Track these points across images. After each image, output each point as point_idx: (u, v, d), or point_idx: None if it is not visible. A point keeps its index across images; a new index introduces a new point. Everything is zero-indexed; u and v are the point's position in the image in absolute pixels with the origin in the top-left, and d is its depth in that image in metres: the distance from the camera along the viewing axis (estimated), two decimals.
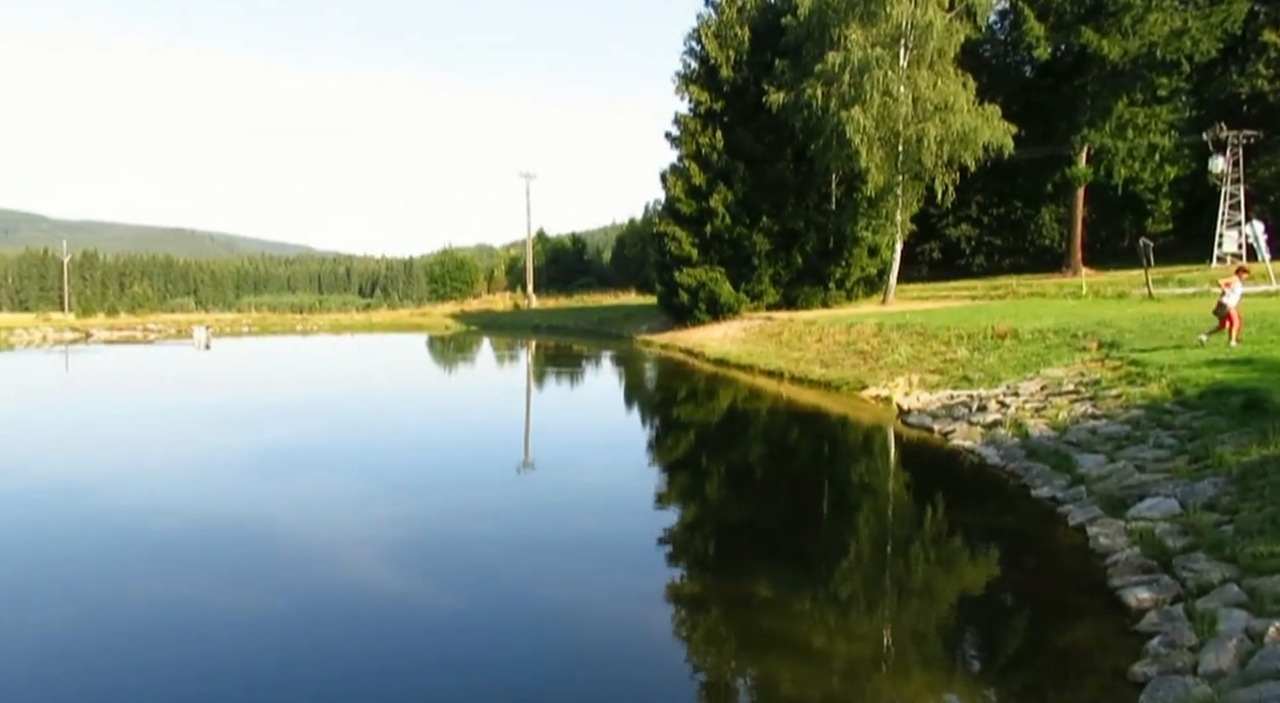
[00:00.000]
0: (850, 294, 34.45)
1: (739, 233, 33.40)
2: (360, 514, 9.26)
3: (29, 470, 11.70)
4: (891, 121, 28.20)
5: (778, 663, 5.53)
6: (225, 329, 55.22)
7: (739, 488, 10.97)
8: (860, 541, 8.34)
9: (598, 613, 6.34)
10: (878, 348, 19.86)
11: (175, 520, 8.89)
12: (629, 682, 5.25)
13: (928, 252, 44.04)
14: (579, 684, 5.16)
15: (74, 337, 49.26)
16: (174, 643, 5.74)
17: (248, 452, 12.99)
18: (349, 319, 68.32)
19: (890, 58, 28.15)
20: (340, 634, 5.89)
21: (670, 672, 5.42)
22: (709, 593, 6.87)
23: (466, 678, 5.24)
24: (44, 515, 9.12)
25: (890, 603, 6.59)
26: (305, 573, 7.22)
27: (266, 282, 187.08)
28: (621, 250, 78.20)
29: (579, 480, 11.08)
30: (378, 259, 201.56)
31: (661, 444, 14.50)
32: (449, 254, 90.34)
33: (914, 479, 11.09)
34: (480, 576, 7.12)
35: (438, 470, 11.53)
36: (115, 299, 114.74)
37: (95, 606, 6.44)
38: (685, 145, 35.15)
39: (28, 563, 7.51)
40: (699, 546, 8.33)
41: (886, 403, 15.71)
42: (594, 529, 8.63)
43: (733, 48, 34.12)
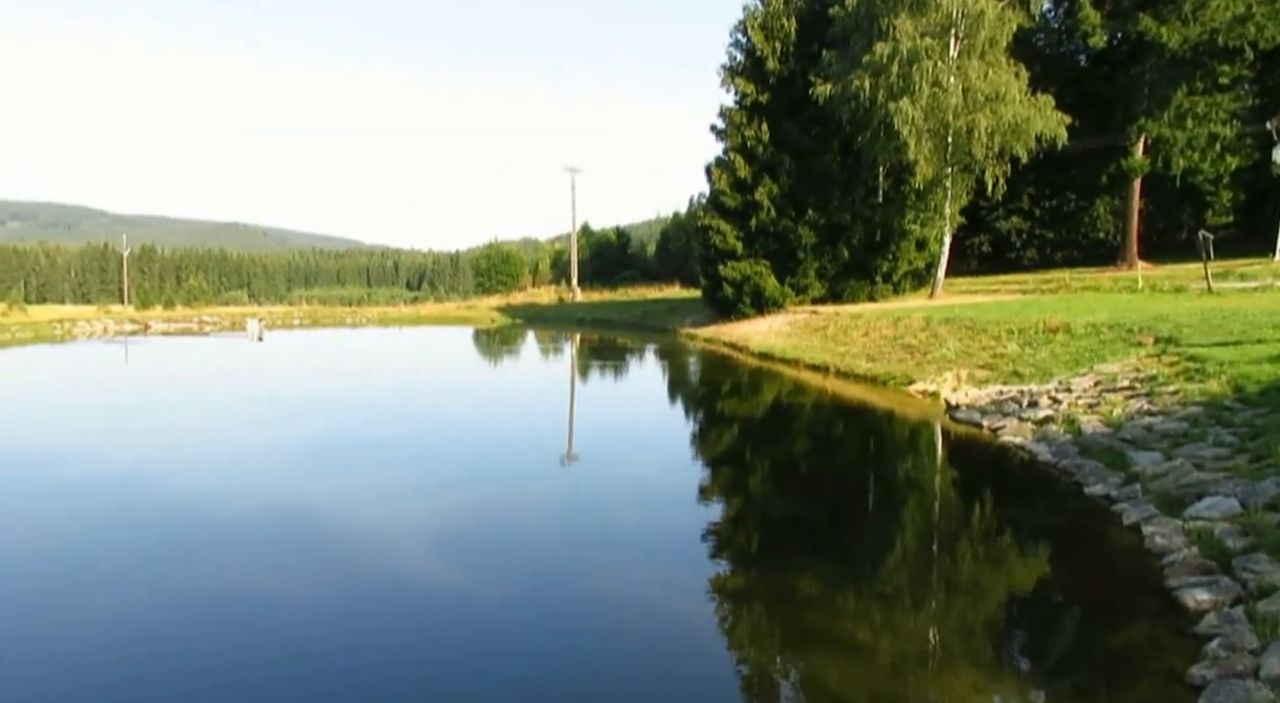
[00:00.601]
0: (897, 288, 34.02)
1: (784, 226, 33.16)
2: (409, 504, 9.38)
3: (95, 457, 12.05)
4: (941, 113, 27.75)
5: (822, 659, 5.49)
6: (277, 321, 56.32)
7: (783, 483, 10.91)
8: (906, 537, 8.24)
9: (641, 606, 6.36)
10: (925, 342, 19.60)
11: (231, 508, 9.10)
12: (672, 675, 5.25)
13: (977, 245, 43.27)
14: (622, 675, 5.18)
15: (133, 328, 50.63)
16: (231, 626, 5.87)
17: (300, 441, 13.25)
18: (397, 312, 69.24)
19: (940, 48, 27.69)
20: (389, 622, 5.97)
21: (714, 665, 5.41)
22: (753, 587, 6.85)
23: (510, 667, 5.28)
24: (107, 502, 9.39)
25: (937, 600, 6.51)
26: (355, 561, 7.34)
27: (317, 275, 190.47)
28: (665, 244, 78.07)
29: (622, 474, 11.11)
30: (425, 253, 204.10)
31: (705, 438, 14.48)
32: (494, 248, 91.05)
33: (962, 476, 10.93)
34: (524, 566, 7.18)
35: (483, 462, 11.64)
36: (172, 292, 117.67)
37: (156, 590, 6.62)
38: (730, 138, 34.95)
39: (95, 546, 7.74)
40: (743, 540, 8.31)
41: (934, 398, 15.50)
42: (637, 522, 8.65)
43: (779, 39, 33.83)
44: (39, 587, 6.64)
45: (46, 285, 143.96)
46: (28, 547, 7.73)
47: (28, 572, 7.04)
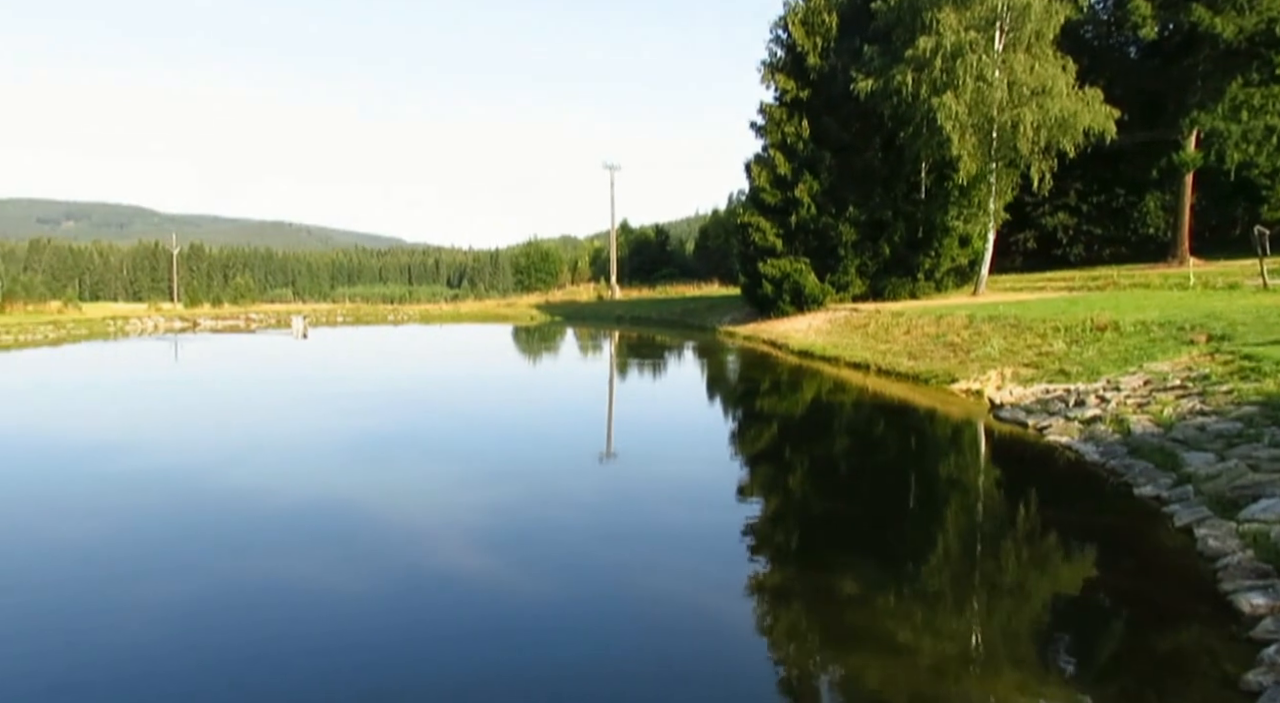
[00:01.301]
0: (940, 285, 33.58)
1: (825, 223, 32.89)
2: (448, 499, 9.47)
3: (148, 451, 12.33)
4: (985, 107, 27.34)
5: (862, 658, 5.43)
6: (321, 319, 57.21)
7: (823, 481, 10.82)
8: (948, 536, 8.12)
9: (679, 602, 6.34)
10: (968, 340, 19.31)
11: (277, 500, 9.25)
12: (711, 673, 5.23)
13: (1022, 241, 42.54)
14: (660, 673, 5.17)
15: (182, 325, 51.75)
16: (274, 616, 5.97)
17: (343, 436, 13.43)
18: (438, 310, 69.95)
19: (985, 41, 27.28)
20: (427, 614, 6.02)
21: (753, 664, 5.38)
22: (792, 586, 6.80)
23: (549, 662, 5.29)
24: (162, 494, 9.60)
25: (980, 601, 6.41)
26: (394, 553, 7.41)
27: (359, 273, 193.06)
28: (704, 241, 77.90)
29: (661, 471, 11.09)
30: (465, 251, 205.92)
31: (744, 436, 14.42)
32: (534, 246, 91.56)
33: (1006, 475, 10.75)
34: (563, 562, 7.20)
35: (523, 459, 11.69)
36: (220, 289, 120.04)
37: (207, 580, 6.74)
38: (770, 135, 34.76)
39: (149, 536, 7.92)
40: (781, 538, 8.25)
41: (977, 397, 15.27)
42: (675, 520, 8.63)
43: (820, 35, 33.56)
44: (90, 575, 6.80)
45: (100, 283, 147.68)
46: (85, 535, 7.93)
47: (83, 559, 7.21)
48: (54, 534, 8.01)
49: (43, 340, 37.36)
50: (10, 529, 8.15)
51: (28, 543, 7.74)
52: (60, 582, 6.64)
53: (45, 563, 7.14)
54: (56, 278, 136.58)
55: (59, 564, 7.12)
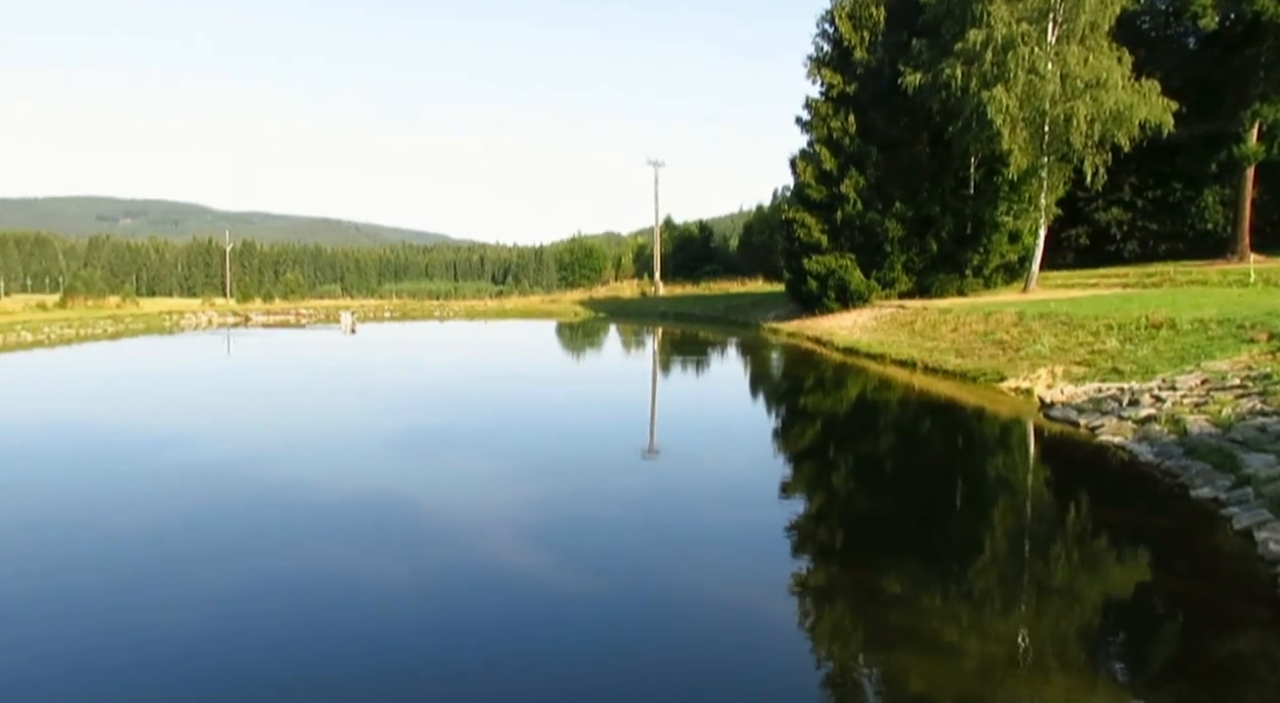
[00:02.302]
0: (988, 282, 33.03)
1: (870, 219, 32.54)
2: (492, 494, 9.56)
3: (208, 443, 12.63)
4: (1037, 101, 26.80)
5: (907, 659, 5.38)
6: (369, 314, 58.07)
7: (867, 480, 10.72)
8: (996, 537, 8.00)
9: (721, 599, 6.32)
10: (1018, 338, 18.97)
11: (322, 494, 9.42)
12: (754, 670, 5.21)
13: (1074, 237, 41.59)
14: (702, 669, 5.17)
15: (235, 320, 52.89)
16: (320, 611, 6.07)
17: (391, 430, 13.62)
18: (483, 306, 70.61)
19: (1037, 33, 26.74)
20: (472, 605, 6.09)
21: (796, 662, 5.35)
22: (835, 584, 6.75)
23: (591, 658, 5.32)
24: (220, 484, 9.83)
25: (1028, 602, 6.30)
26: (438, 547, 7.51)
27: (406, 269, 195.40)
28: (748, 237, 77.47)
29: (704, 468, 11.08)
30: (509, 247, 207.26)
31: (788, 433, 14.33)
32: (578, 242, 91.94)
33: (1056, 475, 10.55)
34: (606, 558, 7.22)
35: (567, 454, 11.75)
36: (270, 285, 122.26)
37: (261, 566, 6.90)
38: (816, 130, 34.46)
39: (205, 525, 8.12)
40: (825, 536, 8.20)
41: (1027, 395, 15.00)
42: (718, 517, 8.61)
43: (867, 29, 33.18)
44: (146, 558, 7.00)
45: (156, 279, 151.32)
46: (141, 522, 8.15)
47: (145, 544, 7.42)
48: (114, 522, 8.24)
49: (102, 335, 38.43)
50: (77, 515, 8.42)
51: (88, 529, 7.98)
52: (124, 565, 6.84)
53: (101, 548, 7.36)
54: (115, 274, 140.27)
55: (118, 549, 7.32)
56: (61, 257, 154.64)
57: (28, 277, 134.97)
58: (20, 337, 33.40)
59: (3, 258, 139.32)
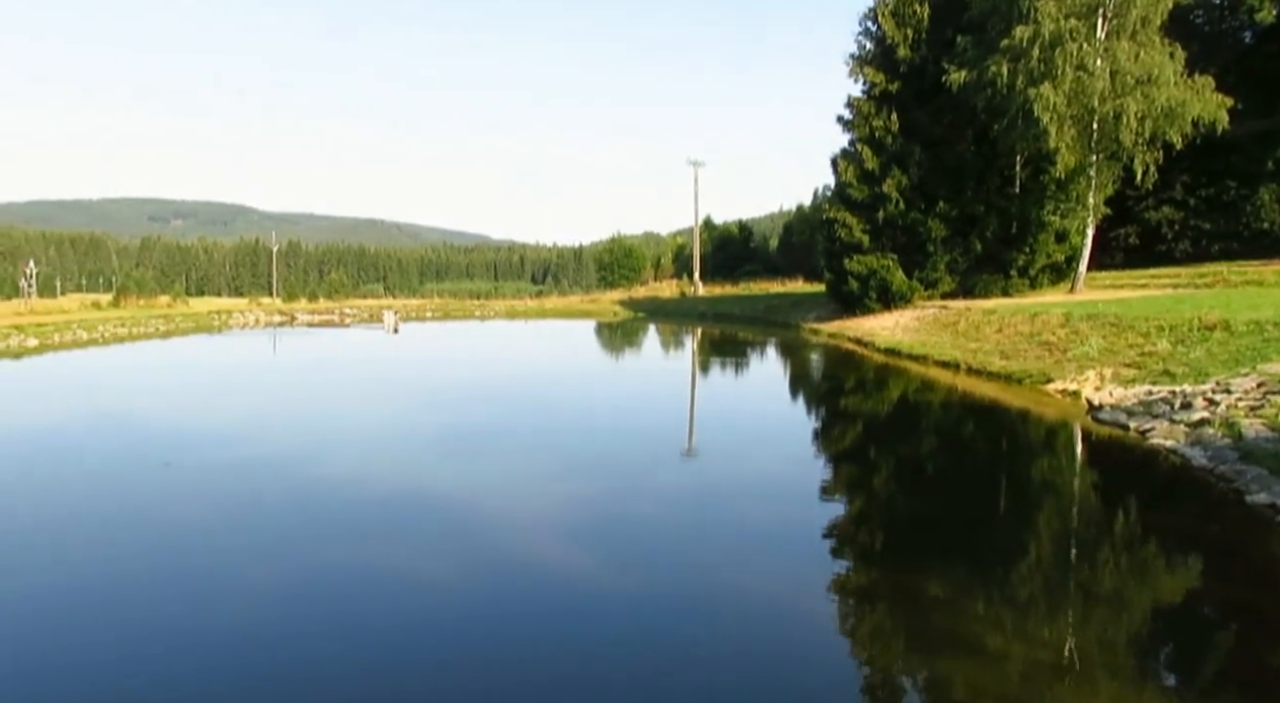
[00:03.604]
0: (1034, 282, 32.46)
1: (913, 218, 32.18)
2: (531, 492, 9.61)
3: (259, 440, 12.88)
4: (1085, 98, 26.29)
5: (949, 663, 5.30)
6: (411, 314, 58.73)
7: (909, 482, 10.60)
8: (1042, 541, 7.86)
9: (759, 600, 6.29)
10: (1065, 339, 18.63)
11: (368, 489, 9.54)
12: (793, 672, 5.18)
13: (1123, 237, 40.70)
14: (741, 671, 5.15)
15: (281, 319, 53.83)
16: (361, 607, 6.16)
17: (433, 428, 13.78)
18: (523, 305, 71.06)
19: (1086, 29, 26.22)
20: (509, 602, 6.13)
21: (835, 664, 5.30)
22: (875, 587, 6.68)
23: (629, 656, 5.33)
24: (264, 480, 10.03)
25: (1075, 608, 6.18)
26: (480, 542, 7.56)
27: (447, 269, 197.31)
28: (789, 237, 77.04)
29: (742, 469, 11.04)
30: (549, 247, 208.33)
31: (828, 435, 14.23)
32: (617, 242, 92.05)
33: (1104, 479, 10.34)
34: (643, 558, 7.22)
35: (605, 454, 11.79)
36: (315, 285, 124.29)
37: (301, 560, 7.02)
38: (857, 129, 34.16)
39: (250, 519, 8.28)
40: (865, 539, 8.12)
41: (1074, 398, 14.72)
42: (756, 517, 8.56)
43: (911, 26, 32.81)
44: (197, 547, 7.16)
45: (205, 279, 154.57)
46: (193, 514, 8.34)
47: (199, 534, 7.59)
48: (167, 514, 8.43)
49: (153, 333, 39.35)
50: (127, 506, 8.63)
51: (139, 520, 8.17)
52: (176, 554, 7.01)
53: (151, 539, 7.54)
54: (165, 273, 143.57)
55: (170, 540, 7.49)
56: (115, 256, 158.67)
57: (83, 276, 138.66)
58: (76, 335, 34.32)
59: (59, 258, 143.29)
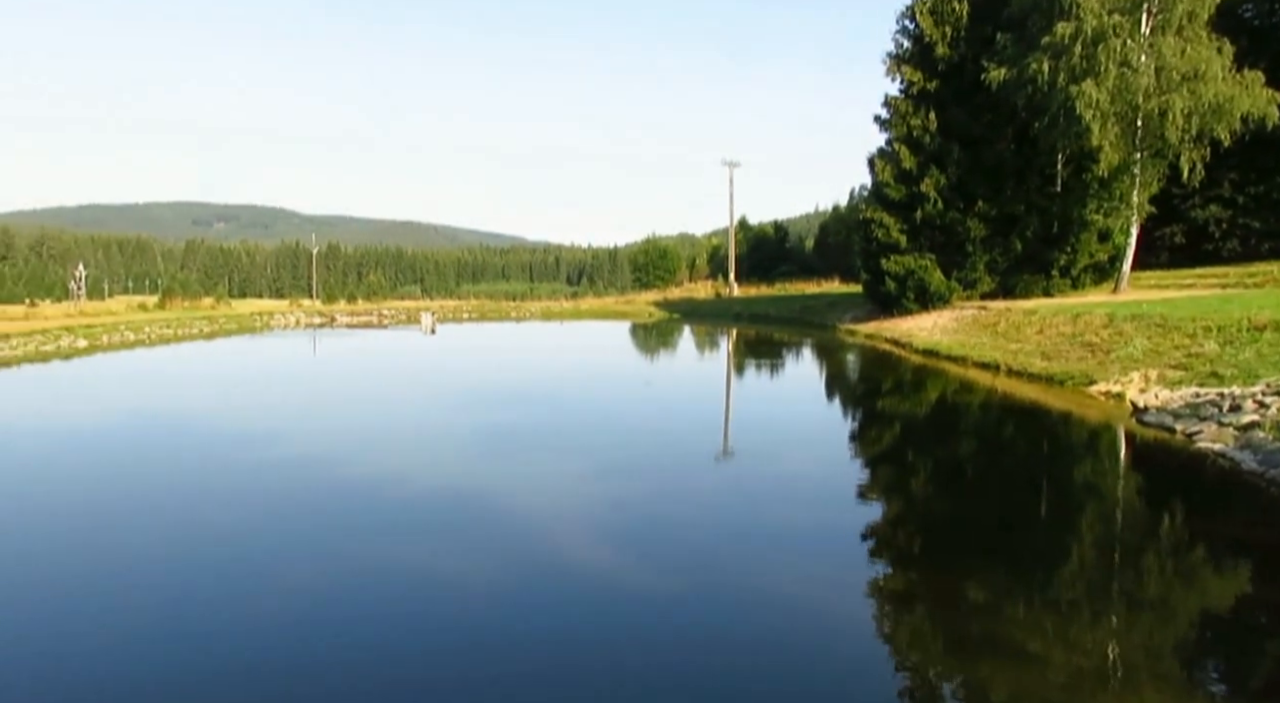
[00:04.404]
0: (1076, 282, 31.93)
1: (951, 218, 31.81)
2: (567, 492, 9.65)
3: (298, 439, 13.09)
4: (1129, 94, 25.79)
5: (989, 668, 5.23)
6: (448, 315, 59.26)
7: (947, 485, 10.48)
8: (1085, 546, 7.72)
9: (796, 603, 6.26)
10: (1108, 340, 18.30)
11: (402, 490, 9.65)
12: (830, 674, 5.14)
13: (1169, 235, 39.86)
14: (778, 672, 5.13)
15: (320, 321, 54.61)
16: (403, 606, 6.22)
17: (470, 428, 13.89)
18: (558, 307, 71.38)
19: (1130, 25, 25.74)
20: (543, 603, 6.15)
21: (872, 667, 5.25)
22: (914, 591, 6.61)
23: (665, 659, 5.32)
24: (302, 478, 10.19)
25: (1119, 615, 6.06)
26: (515, 542, 7.59)
27: (483, 270, 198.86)
28: (824, 238, 76.54)
29: (778, 470, 10.99)
30: (584, 249, 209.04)
31: (865, 437, 14.11)
32: (652, 243, 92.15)
33: (1150, 483, 10.14)
34: (677, 557, 7.20)
35: (640, 455, 11.79)
36: (354, 286, 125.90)
37: (334, 560, 7.10)
38: (895, 128, 33.86)
39: (286, 519, 8.42)
40: (903, 542, 8.04)
41: (1118, 400, 14.45)
42: (793, 520, 8.52)
43: (949, 24, 32.44)
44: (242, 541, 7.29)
45: (246, 281, 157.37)
46: (233, 511, 8.50)
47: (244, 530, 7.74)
48: (202, 515, 8.60)
49: (198, 334, 40.12)
50: (173, 501, 8.83)
51: (184, 517, 8.35)
52: (224, 547, 7.16)
53: (198, 533, 7.70)
54: (209, 276, 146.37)
55: (219, 535, 7.65)
56: (160, 259, 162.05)
57: (129, 278, 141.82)
58: (124, 336, 35.10)
59: (107, 260, 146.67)
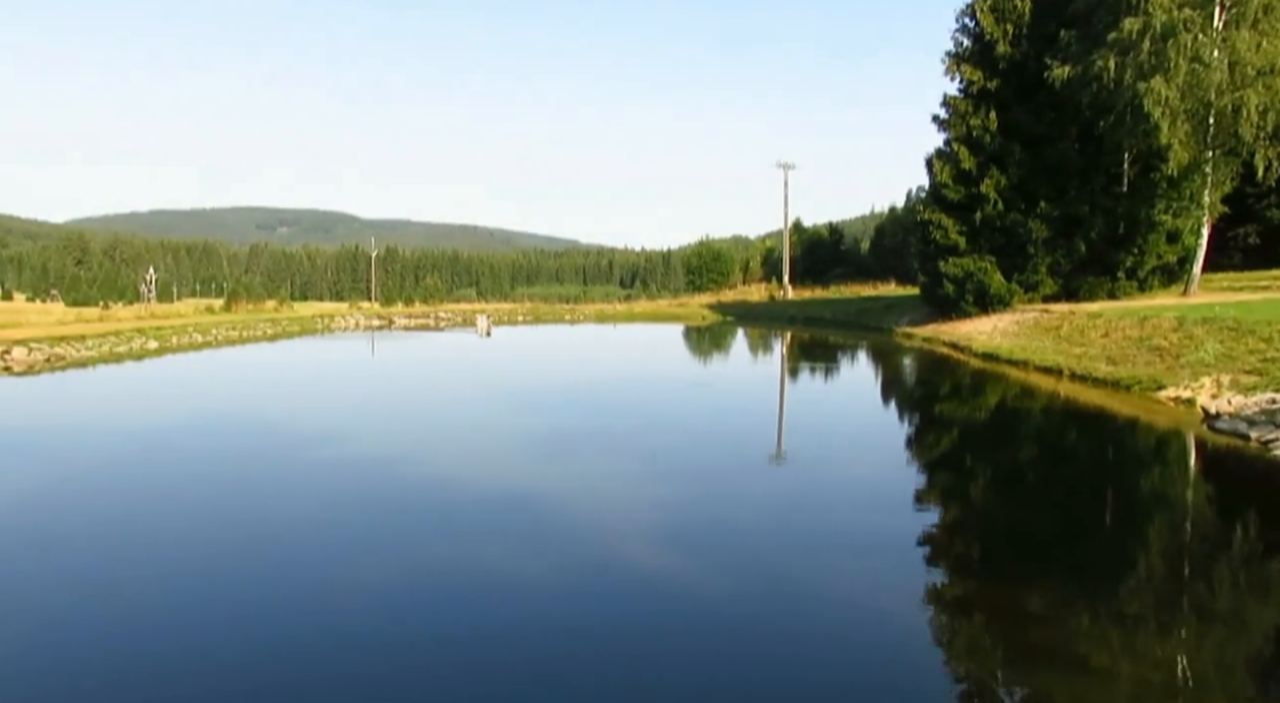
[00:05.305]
0: (1143, 285, 31.00)
1: (1012, 219, 31.17)
2: (621, 494, 9.69)
3: (360, 439, 13.36)
4: (1201, 91, 24.98)
5: (1051, 679, 5.10)
6: (503, 318, 59.87)
7: (1008, 491, 10.25)
8: (1152, 556, 7.49)
9: (851, 609, 6.18)
10: (1178, 344, 17.73)
11: (466, 490, 9.79)
12: (885, 682, 5.07)
13: (1242, 236, 38.51)
14: (833, 677, 5.07)
15: (380, 323, 55.60)
16: (463, 606, 6.31)
17: (526, 429, 14.03)
18: (612, 309, 71.60)
19: (1202, 19, 24.95)
20: (596, 604, 6.18)
21: (929, 675, 5.16)
22: (972, 598, 6.48)
23: (722, 663, 5.30)
24: (362, 478, 10.39)
25: (1189, 627, 5.86)
26: (570, 545, 7.63)
27: (537, 274, 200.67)
28: (880, 240, 75.52)
29: (832, 475, 10.87)
30: (637, 252, 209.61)
31: (922, 441, 13.88)
32: (705, 246, 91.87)
33: (1222, 492, 9.80)
34: (732, 561, 7.16)
35: (693, 457, 11.76)
36: (411, 289, 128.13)
37: (395, 559, 7.22)
38: (954, 128, 33.31)
39: (348, 517, 8.59)
40: (961, 549, 7.89)
41: (1188, 406, 14.00)
42: (847, 524, 8.42)
43: (1011, 22, 31.80)
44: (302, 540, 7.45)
45: (308, 284, 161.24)
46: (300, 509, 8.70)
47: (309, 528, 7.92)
48: (266, 511, 8.82)
49: (261, 336, 41.15)
50: (238, 497, 9.08)
51: (248, 513, 8.58)
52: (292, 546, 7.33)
53: (264, 530, 7.90)
54: (271, 279, 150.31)
55: (285, 530, 7.85)
56: (225, 263, 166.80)
57: (196, 281, 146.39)
58: (192, 338, 36.17)
59: (176, 264, 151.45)
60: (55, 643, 5.40)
